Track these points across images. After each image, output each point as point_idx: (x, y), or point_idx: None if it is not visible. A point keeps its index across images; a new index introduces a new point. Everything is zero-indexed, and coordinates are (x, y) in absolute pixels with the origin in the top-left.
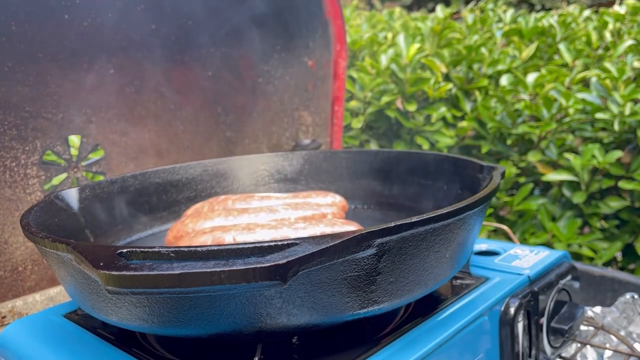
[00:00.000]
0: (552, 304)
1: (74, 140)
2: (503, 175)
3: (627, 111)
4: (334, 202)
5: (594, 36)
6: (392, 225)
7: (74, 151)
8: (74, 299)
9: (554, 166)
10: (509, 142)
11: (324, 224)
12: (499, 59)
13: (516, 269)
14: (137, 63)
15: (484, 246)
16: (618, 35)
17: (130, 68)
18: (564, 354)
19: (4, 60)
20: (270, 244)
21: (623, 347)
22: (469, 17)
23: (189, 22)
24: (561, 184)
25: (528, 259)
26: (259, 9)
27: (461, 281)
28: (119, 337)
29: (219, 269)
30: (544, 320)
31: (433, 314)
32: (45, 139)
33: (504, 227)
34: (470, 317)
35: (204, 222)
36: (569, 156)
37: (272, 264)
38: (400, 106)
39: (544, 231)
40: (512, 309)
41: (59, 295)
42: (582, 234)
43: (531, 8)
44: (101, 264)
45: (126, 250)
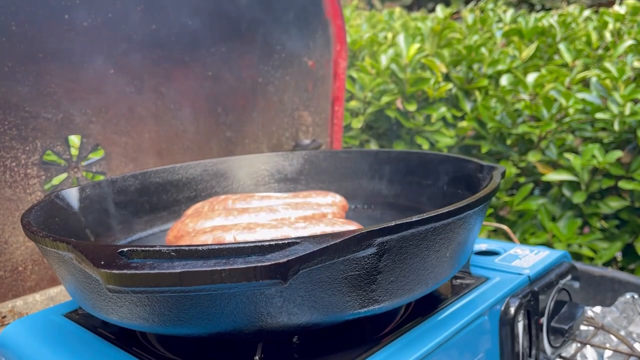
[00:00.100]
0: (552, 303)
1: (74, 140)
2: (503, 175)
3: (627, 111)
4: (334, 202)
5: (594, 36)
6: (393, 224)
7: (74, 151)
8: (74, 298)
9: (554, 166)
10: (509, 142)
11: (324, 224)
12: (499, 59)
13: (516, 269)
14: (137, 63)
15: (484, 246)
16: (618, 35)
17: (130, 68)
18: (564, 354)
19: (4, 60)
20: (271, 243)
21: (623, 347)
22: (469, 17)
23: (189, 22)
24: (561, 184)
25: (528, 258)
26: (259, 9)
27: (461, 281)
28: (119, 336)
29: (219, 268)
30: (544, 320)
31: (433, 313)
32: (45, 139)
33: (504, 227)
34: (471, 317)
35: (205, 222)
36: (569, 156)
37: (273, 262)
38: (400, 106)
39: (544, 231)
40: (512, 308)
41: (59, 295)
42: (582, 234)
43: (531, 8)
44: (102, 262)
45: (127, 249)
